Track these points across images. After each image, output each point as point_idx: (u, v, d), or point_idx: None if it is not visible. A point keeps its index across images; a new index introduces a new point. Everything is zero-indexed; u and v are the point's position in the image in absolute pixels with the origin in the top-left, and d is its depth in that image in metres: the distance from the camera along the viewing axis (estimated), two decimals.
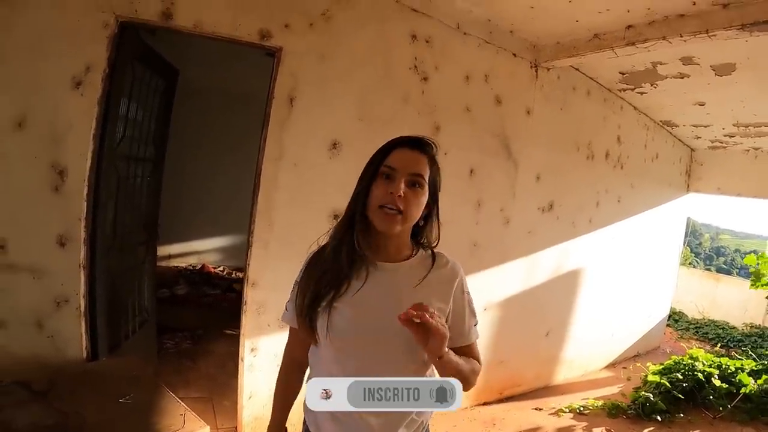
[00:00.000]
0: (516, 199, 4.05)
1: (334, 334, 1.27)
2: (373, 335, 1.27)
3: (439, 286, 1.34)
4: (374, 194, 1.27)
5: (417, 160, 1.30)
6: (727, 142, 5.86)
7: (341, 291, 1.28)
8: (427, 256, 1.38)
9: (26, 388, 2.26)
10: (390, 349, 1.27)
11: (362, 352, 1.28)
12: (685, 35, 2.96)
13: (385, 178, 1.27)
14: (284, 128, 2.91)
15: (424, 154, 1.32)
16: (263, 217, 2.92)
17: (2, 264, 2.51)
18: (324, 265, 1.32)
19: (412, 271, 1.34)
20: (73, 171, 2.56)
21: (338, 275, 1.29)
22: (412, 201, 1.27)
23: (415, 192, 1.28)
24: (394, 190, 1.24)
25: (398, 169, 1.27)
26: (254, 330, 2.98)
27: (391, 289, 1.30)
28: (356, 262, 1.29)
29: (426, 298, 1.25)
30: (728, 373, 4.75)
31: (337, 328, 1.27)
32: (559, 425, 4.00)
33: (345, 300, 1.28)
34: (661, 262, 6.33)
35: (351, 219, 1.31)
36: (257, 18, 2.78)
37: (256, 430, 3.08)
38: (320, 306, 1.29)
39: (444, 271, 1.37)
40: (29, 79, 2.45)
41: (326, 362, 1.33)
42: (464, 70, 3.56)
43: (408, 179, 1.27)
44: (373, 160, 1.32)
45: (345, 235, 1.31)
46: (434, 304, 1.28)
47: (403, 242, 1.37)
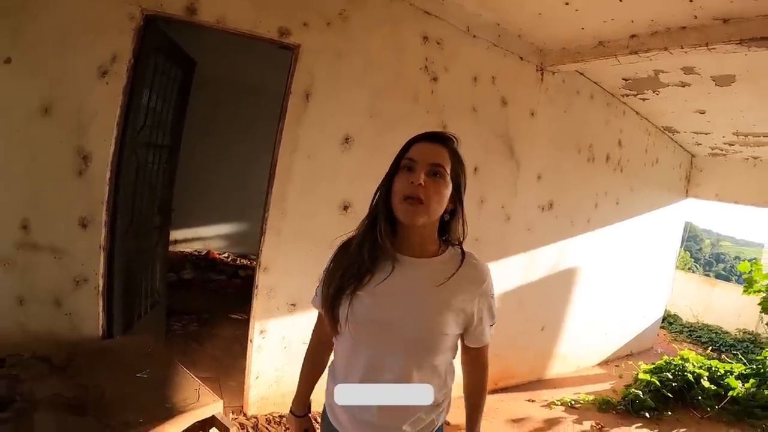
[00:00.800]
0: (517, 197, 4.16)
1: (353, 322, 1.30)
2: (389, 326, 1.29)
3: (465, 287, 1.34)
4: (396, 187, 1.29)
5: (436, 151, 1.31)
6: (726, 150, 5.94)
7: (364, 282, 1.31)
8: (456, 255, 1.37)
9: (46, 362, 2.35)
10: (404, 343, 1.29)
11: (376, 342, 1.31)
12: (686, 47, 3.06)
13: (406, 171, 1.29)
14: (300, 122, 3.02)
15: (443, 146, 1.33)
16: (277, 205, 3.04)
17: (25, 243, 2.61)
18: (349, 258, 1.34)
19: (439, 268, 1.33)
20: (97, 156, 2.66)
21: (361, 268, 1.31)
22: (432, 190, 1.27)
23: (436, 182, 1.28)
24: (414, 179, 1.25)
25: (418, 160, 1.28)
26: (264, 313, 3.10)
27: (415, 283, 1.32)
28: (380, 257, 1.31)
29: (449, 297, 1.31)
30: (717, 376, 4.86)
31: (357, 315, 1.30)
32: (550, 416, 4.13)
33: (367, 290, 1.30)
34: (658, 265, 6.43)
35: (375, 214, 1.34)
36: (277, 16, 2.88)
37: (261, 408, 3.22)
38: (343, 295, 1.32)
39: (472, 271, 1.36)
40: (57, 68, 2.54)
41: (344, 351, 1.38)
42: (472, 72, 3.67)
43: (428, 169, 1.27)
44: (396, 157, 1.34)
45: (369, 229, 1.33)
46: (456, 305, 1.31)
47: (429, 237, 1.36)
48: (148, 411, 2.12)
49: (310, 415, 1.64)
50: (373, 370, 1.31)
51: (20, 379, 2.19)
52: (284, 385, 3.23)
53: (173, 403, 2.23)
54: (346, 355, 1.38)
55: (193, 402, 2.25)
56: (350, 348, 1.36)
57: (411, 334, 1.28)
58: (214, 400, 2.29)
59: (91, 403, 2.10)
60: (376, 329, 1.30)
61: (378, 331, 1.30)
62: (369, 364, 1.31)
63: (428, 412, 1.37)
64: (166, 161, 3.66)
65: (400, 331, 1.28)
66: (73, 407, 2.06)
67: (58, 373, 2.30)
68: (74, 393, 2.15)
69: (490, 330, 1.44)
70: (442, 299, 1.31)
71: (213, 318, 4.78)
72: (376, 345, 1.31)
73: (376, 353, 1.31)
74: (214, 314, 4.86)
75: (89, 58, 2.59)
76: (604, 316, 5.58)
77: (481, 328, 1.41)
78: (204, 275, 6.12)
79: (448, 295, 1.31)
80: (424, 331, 1.29)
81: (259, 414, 3.20)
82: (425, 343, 1.30)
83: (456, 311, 1.32)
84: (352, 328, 1.31)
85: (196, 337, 4.34)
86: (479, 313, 1.37)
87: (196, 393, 2.31)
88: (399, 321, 1.28)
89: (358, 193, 3.21)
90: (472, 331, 1.40)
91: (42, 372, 2.29)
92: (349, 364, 1.36)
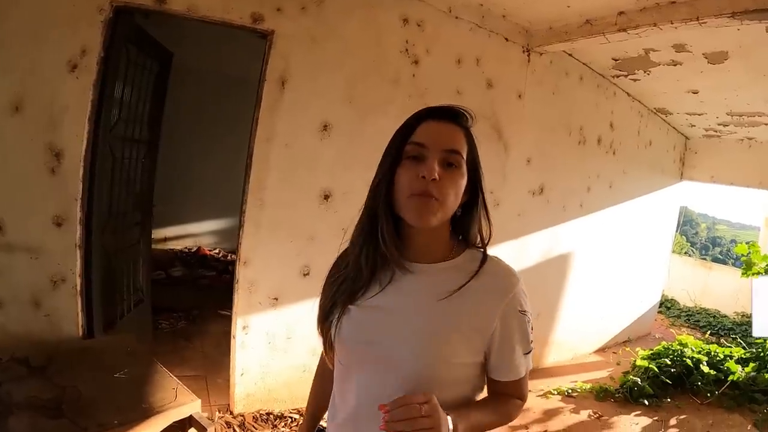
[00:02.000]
0: (506, 182, 4.09)
1: (339, 340, 1.07)
2: (380, 351, 1.02)
3: (482, 301, 1.02)
4: (401, 181, 1.00)
5: (451, 133, 1.02)
6: (721, 131, 5.86)
7: (358, 294, 1.06)
8: (474, 260, 1.07)
9: (24, 364, 2.32)
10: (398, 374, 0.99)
11: (367, 371, 1.05)
12: (676, 22, 2.97)
13: (412, 160, 1.00)
14: (275, 110, 2.95)
15: (458, 125, 1.04)
16: (255, 197, 2.97)
17: (0, 244, 2.56)
18: (344, 273, 1.11)
19: (447, 276, 1.04)
20: (69, 153, 2.61)
21: (357, 281, 1.07)
22: (448, 185, 0.99)
23: (452, 174, 1.00)
24: (427, 173, 0.96)
25: (429, 146, 0.99)
26: (246, 308, 3.05)
27: (414, 296, 1.04)
28: (381, 265, 1.05)
29: (454, 316, 1.01)
30: (717, 360, 4.79)
31: (343, 333, 1.06)
32: (547, 407, 4.07)
33: (360, 303, 1.06)
34: (653, 249, 6.35)
35: (372, 216, 1.05)
36: (249, 1, 2.81)
37: (248, 406, 3.17)
38: (334, 312, 1.08)
39: (492, 279, 1.05)
40: (26, 64, 2.49)
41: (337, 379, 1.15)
42: (455, 54, 3.59)
43: (442, 157, 0.99)
44: (395, 139, 1.04)
45: (367, 235, 1.06)
46: (465, 324, 1.01)
47: (441, 238, 1.08)
48: (125, 412, 2.08)
49: None
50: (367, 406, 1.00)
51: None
52: (270, 381, 3.18)
53: (150, 403, 2.19)
54: (339, 388, 1.14)
55: (170, 402, 2.20)
56: (341, 380, 1.12)
57: (406, 361, 0.99)
58: (192, 400, 2.24)
59: (68, 405, 2.07)
60: (367, 353, 1.04)
61: (367, 356, 1.04)
62: (360, 398, 1.05)
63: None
64: (144, 156, 3.58)
65: (393, 356, 1.00)
66: (49, 409, 2.04)
67: (37, 375, 2.27)
68: (52, 394, 2.13)
69: (524, 360, 1.08)
70: (448, 316, 1.00)
71: (202, 314, 4.73)
72: (368, 374, 1.05)
73: (367, 385, 1.04)
74: (203, 311, 4.80)
75: (58, 52, 2.54)
76: (600, 302, 5.51)
77: (513, 354, 1.06)
78: (194, 272, 6.06)
79: (456, 311, 1.01)
80: (421, 357, 0.99)
81: (245, 412, 3.14)
82: (425, 375, 0.99)
83: (466, 331, 1.01)
84: (338, 351, 1.09)
85: (184, 334, 4.29)
86: (508, 333, 1.04)
87: (173, 392, 2.27)
88: (388, 342, 1.01)
89: (339, 181, 3.14)
90: (495, 360, 1.06)
91: (20, 374, 2.26)
92: (342, 398, 1.12)
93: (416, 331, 1.00)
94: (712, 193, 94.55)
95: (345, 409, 1.09)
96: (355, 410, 1.06)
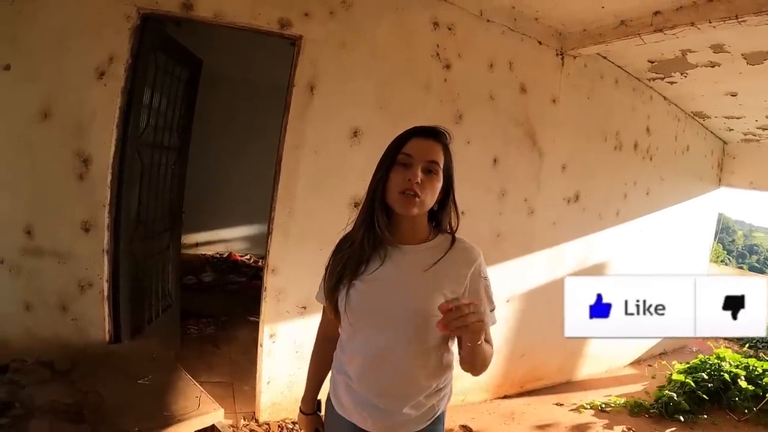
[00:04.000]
0: (541, 190, 3.97)
1: (349, 309, 1.35)
2: (383, 312, 1.34)
3: (454, 270, 1.37)
4: (393, 181, 1.33)
5: (432, 148, 1.35)
6: (760, 135, 5.65)
7: (360, 271, 1.36)
8: (446, 240, 1.42)
9: (49, 368, 2.33)
10: (398, 328, 1.33)
11: (373, 329, 1.35)
12: (714, 21, 2.85)
13: (402, 166, 1.33)
14: (304, 116, 2.92)
15: (438, 142, 1.37)
16: (283, 204, 2.95)
17: (29, 249, 2.61)
18: (348, 250, 1.39)
19: (428, 253, 1.38)
20: (97, 159, 2.63)
21: (359, 258, 1.36)
22: (427, 186, 1.32)
23: (431, 178, 1.33)
24: (412, 177, 1.30)
25: (415, 156, 1.32)
26: (273, 316, 3.02)
27: (404, 269, 1.36)
28: (377, 245, 1.36)
29: (436, 281, 1.34)
30: (755, 375, 4.56)
31: (352, 303, 1.35)
32: (579, 422, 3.92)
33: (362, 278, 1.35)
34: (691, 258, 6.13)
35: (372, 205, 1.37)
36: (277, 7, 2.79)
37: (273, 414, 3.13)
38: (341, 285, 1.37)
39: (460, 254, 1.40)
40: (54, 71, 2.53)
41: (345, 341, 1.43)
42: (488, 58, 3.51)
43: (424, 166, 1.32)
44: (391, 149, 1.38)
45: (366, 220, 1.37)
46: (446, 287, 1.34)
47: (420, 225, 1.41)
48: (146, 419, 2.08)
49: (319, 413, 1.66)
50: (373, 358, 1.36)
51: (21, 385, 2.18)
52: (297, 390, 3.12)
53: (172, 411, 2.18)
54: (347, 344, 1.43)
55: (192, 410, 2.18)
56: (350, 337, 1.41)
57: (404, 318, 1.32)
58: (215, 409, 2.22)
59: (89, 410, 2.08)
60: (371, 316, 1.35)
61: (373, 319, 1.35)
62: (368, 351, 1.36)
63: (429, 397, 1.40)
64: (174, 162, 3.58)
65: (394, 316, 1.33)
66: (71, 414, 2.04)
67: (61, 379, 2.29)
68: (74, 398, 2.14)
69: (490, 315, 1.43)
70: (431, 282, 1.34)
71: (232, 320, 4.71)
72: (373, 332, 1.35)
73: (373, 341, 1.35)
74: (233, 317, 4.78)
75: (86, 60, 2.57)
76: None
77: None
78: (225, 277, 6.08)
79: (437, 278, 1.35)
80: (416, 315, 1.32)
81: (271, 420, 3.11)
82: (418, 327, 1.32)
83: (446, 293, 1.33)
84: (349, 317, 1.36)
85: (213, 340, 4.28)
86: (475, 293, 1.38)
87: (197, 401, 2.24)
88: (391, 306, 1.33)
89: None
90: None
91: (44, 377, 2.28)
92: (350, 352, 1.41)
93: (411, 292, 1.34)
94: (749, 199, 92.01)
95: (356, 361, 1.38)
96: (363, 360, 1.37)
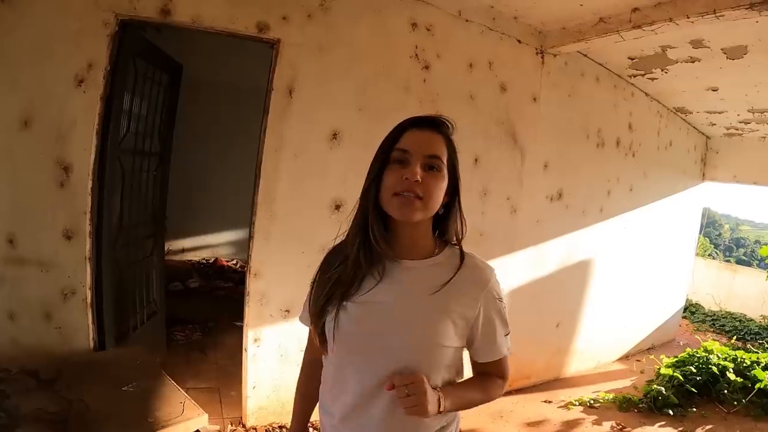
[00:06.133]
0: (523, 188, 3.99)
1: (338, 336, 1.16)
2: (376, 340, 1.14)
3: (465, 291, 1.17)
4: (387, 182, 1.12)
5: (432, 140, 1.15)
6: (742, 129, 5.70)
7: (352, 291, 1.16)
8: (454, 255, 1.21)
9: (33, 377, 2.32)
10: (398, 362, 1.12)
11: (363, 360, 1.16)
12: (692, 16, 2.87)
13: (398, 164, 1.12)
14: (284, 119, 2.92)
15: (439, 133, 1.17)
16: (264, 208, 2.94)
17: (11, 258, 2.59)
18: (340, 268, 1.19)
19: (433, 271, 1.17)
20: (78, 166, 2.62)
21: (352, 276, 1.16)
22: (431, 185, 1.12)
23: (434, 176, 1.13)
24: (410, 175, 1.09)
25: (412, 151, 1.12)
26: (257, 321, 3.01)
27: (406, 290, 1.16)
28: (373, 261, 1.16)
29: (444, 306, 1.15)
30: (743, 367, 4.63)
31: (342, 329, 1.15)
32: (568, 418, 3.95)
33: (355, 299, 1.16)
34: (676, 253, 6.20)
35: (364, 214, 1.17)
36: (254, 11, 2.79)
37: (260, 419, 3.12)
38: (329, 307, 1.18)
39: (472, 273, 1.20)
40: (34, 79, 2.52)
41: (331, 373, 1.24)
42: (467, 58, 3.52)
43: (424, 162, 1.12)
44: (383, 146, 1.17)
45: (359, 232, 1.17)
46: (455, 313, 1.15)
47: (423, 235, 1.21)
48: (131, 426, 2.08)
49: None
50: (363, 396, 1.15)
51: (6, 395, 2.17)
52: (282, 394, 3.13)
53: (156, 417, 2.16)
54: (332, 377, 1.24)
55: (177, 416, 2.18)
56: (336, 368, 1.22)
57: (402, 347, 1.12)
58: (199, 414, 2.21)
59: (75, 418, 2.07)
60: (363, 344, 1.15)
61: (364, 347, 1.15)
62: (358, 388, 1.16)
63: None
64: (155, 168, 3.57)
65: (392, 346, 1.13)
66: (56, 423, 2.03)
67: (46, 388, 2.27)
68: (58, 407, 2.13)
69: (505, 340, 1.25)
70: (438, 305, 1.14)
71: (218, 326, 4.71)
72: (364, 364, 1.16)
73: (367, 375, 1.15)
74: (219, 322, 4.78)
75: (66, 67, 2.56)
76: (623, 309, 5.37)
77: (495, 336, 1.22)
78: (211, 283, 6.07)
79: (445, 302, 1.15)
80: (417, 344, 1.13)
81: (258, 425, 3.10)
82: (419, 358, 1.12)
83: (455, 319, 1.15)
84: (336, 344, 1.17)
85: (199, 346, 4.27)
86: (485, 319, 1.19)
87: (181, 406, 2.24)
88: (387, 333, 1.13)
89: (350, 191, 3.08)
90: (480, 343, 1.22)
91: (29, 386, 2.27)
92: (335, 387, 1.22)
93: (412, 321, 1.14)
94: (735, 192, 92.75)
95: (343, 394, 1.19)
96: (352, 399, 1.17)
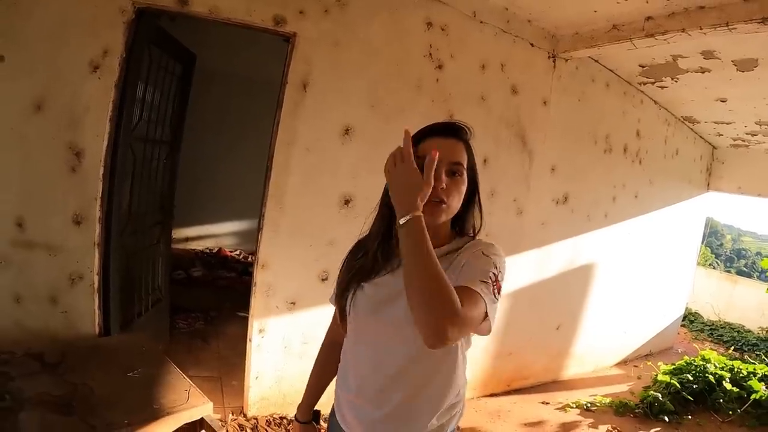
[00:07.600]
0: (530, 191, 4.00)
1: (353, 313, 1.29)
2: (385, 318, 1.23)
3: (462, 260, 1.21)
4: None
5: (454, 148, 1.22)
6: (749, 141, 5.71)
7: (371, 276, 1.27)
8: (462, 242, 1.30)
9: (38, 360, 2.33)
10: (401, 335, 1.21)
11: (375, 336, 1.27)
12: (705, 28, 2.88)
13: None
14: (297, 114, 2.93)
15: (459, 140, 1.25)
16: (274, 200, 2.95)
17: (20, 241, 2.60)
18: (361, 260, 1.32)
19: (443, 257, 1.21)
20: (90, 152, 2.62)
21: (372, 265, 1.28)
22: (453, 191, 1.20)
23: (456, 181, 1.20)
24: (437, 182, 1.14)
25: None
26: (263, 311, 3.03)
27: None
28: (389, 257, 1.27)
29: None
30: (740, 377, 4.66)
31: (357, 306, 1.28)
32: (565, 420, 3.98)
33: (371, 281, 1.27)
34: (678, 261, 6.21)
35: (388, 212, 1.24)
36: (272, 4, 2.79)
37: (261, 409, 3.14)
38: (350, 288, 1.30)
39: (473, 246, 1.26)
40: (48, 64, 2.52)
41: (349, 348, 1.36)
42: (480, 59, 3.53)
43: (447, 168, 1.19)
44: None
45: (381, 229, 1.28)
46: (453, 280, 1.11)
47: (443, 231, 1.29)
48: (135, 411, 2.07)
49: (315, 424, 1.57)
50: (374, 367, 1.27)
51: (11, 377, 2.17)
52: (285, 385, 3.16)
53: (161, 404, 2.17)
54: (350, 352, 1.36)
55: (182, 403, 2.18)
56: (353, 344, 1.34)
57: (406, 324, 1.15)
58: (204, 402, 2.22)
59: (79, 402, 2.07)
60: (375, 322, 1.26)
61: (376, 324, 1.26)
62: (369, 360, 1.28)
63: (440, 416, 1.28)
64: (166, 157, 3.59)
65: (396, 322, 1.21)
66: (60, 406, 2.04)
67: (50, 371, 2.28)
68: (63, 391, 2.13)
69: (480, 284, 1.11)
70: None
71: (221, 315, 4.74)
72: (375, 339, 1.27)
73: (375, 349, 1.27)
74: (222, 312, 4.81)
75: (81, 53, 2.56)
76: (623, 315, 5.39)
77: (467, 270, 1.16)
78: (214, 272, 6.08)
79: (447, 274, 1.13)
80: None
81: (259, 415, 3.12)
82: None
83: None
84: (353, 321, 1.31)
85: (201, 335, 4.29)
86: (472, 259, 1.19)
87: (186, 394, 2.25)
88: (395, 312, 1.21)
89: (360, 186, 3.11)
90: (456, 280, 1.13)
91: (33, 370, 2.27)
92: (352, 360, 1.34)
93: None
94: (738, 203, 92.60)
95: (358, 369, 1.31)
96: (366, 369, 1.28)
